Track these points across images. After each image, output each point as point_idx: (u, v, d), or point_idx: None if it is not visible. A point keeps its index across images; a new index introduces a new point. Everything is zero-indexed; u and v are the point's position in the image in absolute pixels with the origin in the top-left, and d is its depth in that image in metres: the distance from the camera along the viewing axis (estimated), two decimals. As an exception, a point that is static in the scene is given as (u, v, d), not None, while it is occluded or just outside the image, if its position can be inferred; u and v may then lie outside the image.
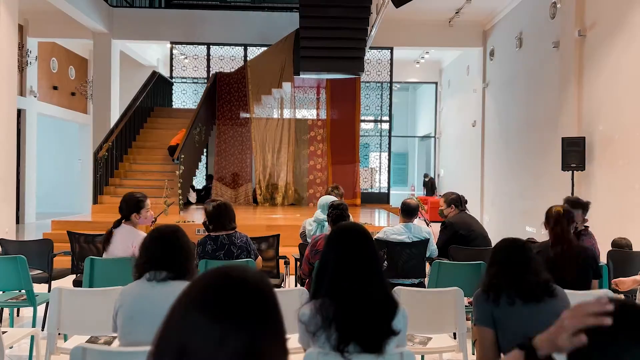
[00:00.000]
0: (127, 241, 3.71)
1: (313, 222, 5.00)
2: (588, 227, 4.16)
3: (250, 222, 8.71)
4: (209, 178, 12.57)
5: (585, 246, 3.41)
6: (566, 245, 3.17)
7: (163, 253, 2.24)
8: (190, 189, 11.63)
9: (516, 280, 2.22)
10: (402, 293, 2.82)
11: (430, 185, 16.17)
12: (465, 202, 5.01)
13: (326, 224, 4.52)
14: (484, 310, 2.26)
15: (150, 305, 2.15)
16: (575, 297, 2.87)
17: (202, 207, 11.04)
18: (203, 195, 11.83)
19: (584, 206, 4.10)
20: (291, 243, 5.94)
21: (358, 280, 1.90)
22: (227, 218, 3.80)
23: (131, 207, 3.80)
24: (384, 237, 4.48)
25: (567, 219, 3.21)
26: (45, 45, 12.50)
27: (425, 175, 16.77)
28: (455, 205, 4.91)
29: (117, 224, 3.79)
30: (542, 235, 6.80)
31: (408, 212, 4.55)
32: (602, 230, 6.39)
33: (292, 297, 2.74)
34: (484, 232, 4.90)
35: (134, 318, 2.18)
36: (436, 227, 5.23)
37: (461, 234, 4.69)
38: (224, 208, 3.83)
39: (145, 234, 3.81)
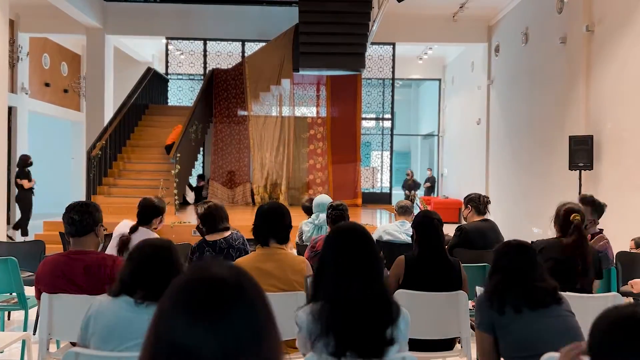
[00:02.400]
0: None
1: (309, 223, 4.99)
2: (602, 229, 4.15)
3: (248, 222, 8.68)
4: (199, 177, 12.45)
5: (591, 249, 3.40)
6: (580, 252, 3.12)
7: (154, 272, 2.05)
8: (188, 188, 11.61)
9: (524, 287, 2.23)
10: (403, 296, 2.82)
11: (431, 183, 16.16)
12: (488, 202, 4.61)
13: (325, 225, 4.54)
14: (485, 316, 2.27)
15: (134, 332, 1.99)
16: (582, 300, 2.87)
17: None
18: (202, 196, 11.78)
19: (597, 206, 4.07)
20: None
21: (358, 284, 1.89)
22: (220, 219, 3.80)
23: (155, 211, 3.90)
24: (380, 235, 4.54)
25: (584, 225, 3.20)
26: (36, 41, 12.49)
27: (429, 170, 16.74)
28: (472, 205, 4.57)
29: (133, 229, 3.80)
30: (548, 236, 6.79)
31: (403, 210, 4.86)
32: (610, 231, 6.39)
33: (289, 300, 2.74)
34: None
35: (112, 343, 2.02)
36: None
37: (472, 244, 4.37)
38: (215, 209, 3.82)
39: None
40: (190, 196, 11.60)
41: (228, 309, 0.81)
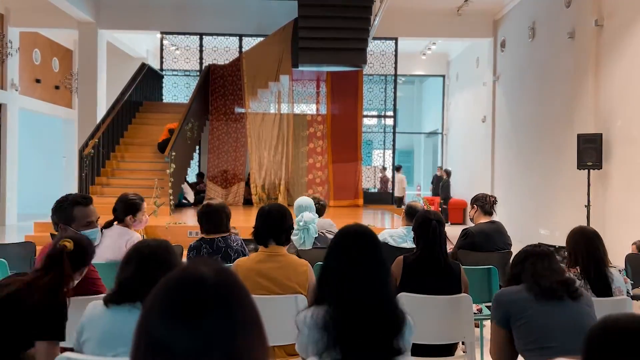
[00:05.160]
0: (120, 241, 3.68)
1: (296, 230, 4.70)
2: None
3: (247, 223, 8.69)
4: (199, 176, 12.57)
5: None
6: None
7: (151, 280, 2.01)
8: (188, 187, 11.60)
9: (540, 275, 2.38)
10: (406, 300, 2.82)
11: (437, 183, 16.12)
12: (494, 202, 4.58)
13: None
14: (501, 309, 2.43)
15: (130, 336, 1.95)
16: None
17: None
18: (202, 196, 11.77)
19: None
20: (289, 246, 5.93)
21: (364, 291, 1.88)
22: (221, 219, 3.81)
23: (126, 208, 3.77)
24: (385, 239, 4.49)
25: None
26: (27, 36, 12.50)
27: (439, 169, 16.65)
28: (478, 205, 4.55)
29: (108, 224, 3.77)
30: (555, 237, 6.79)
31: (413, 215, 4.55)
32: (617, 232, 6.39)
33: (288, 302, 2.74)
34: (506, 248, 4.48)
35: (109, 348, 2.00)
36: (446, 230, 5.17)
37: (477, 248, 4.36)
38: (217, 208, 3.84)
39: (139, 236, 3.79)
40: (191, 195, 11.60)
41: (202, 307, 0.84)
